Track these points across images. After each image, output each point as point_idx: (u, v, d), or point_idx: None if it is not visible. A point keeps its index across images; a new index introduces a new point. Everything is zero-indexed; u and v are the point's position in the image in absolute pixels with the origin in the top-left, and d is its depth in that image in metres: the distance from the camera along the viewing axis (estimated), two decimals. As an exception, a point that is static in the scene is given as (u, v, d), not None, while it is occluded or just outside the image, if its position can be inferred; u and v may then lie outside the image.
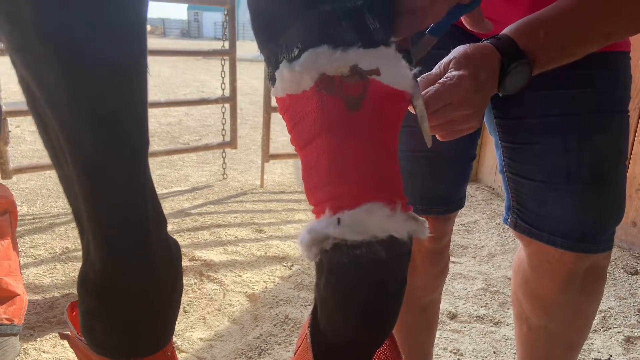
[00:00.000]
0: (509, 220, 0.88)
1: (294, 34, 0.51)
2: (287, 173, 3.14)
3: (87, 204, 0.56)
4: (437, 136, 0.66)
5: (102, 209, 0.57)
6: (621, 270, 1.92)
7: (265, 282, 1.70)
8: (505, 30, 0.65)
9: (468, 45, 0.64)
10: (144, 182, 0.59)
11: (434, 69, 0.65)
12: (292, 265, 1.83)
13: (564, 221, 0.78)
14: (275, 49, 0.53)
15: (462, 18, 0.63)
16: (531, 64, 0.63)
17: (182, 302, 1.53)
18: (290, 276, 1.74)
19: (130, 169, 0.57)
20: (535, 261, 0.85)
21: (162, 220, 0.65)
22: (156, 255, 0.62)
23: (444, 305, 1.58)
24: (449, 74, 0.62)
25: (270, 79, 0.55)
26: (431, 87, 0.61)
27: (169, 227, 2.11)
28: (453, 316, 1.55)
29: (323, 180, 0.50)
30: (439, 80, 0.62)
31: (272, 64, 0.54)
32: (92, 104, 0.52)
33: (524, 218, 0.84)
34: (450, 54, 0.65)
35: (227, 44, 2.64)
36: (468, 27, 0.64)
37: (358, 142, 0.49)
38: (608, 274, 1.88)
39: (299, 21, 0.50)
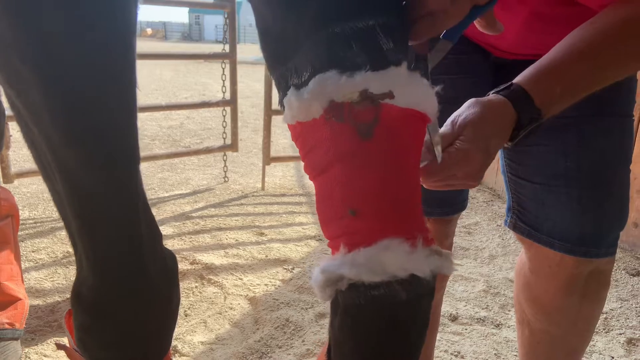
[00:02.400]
0: (508, 221, 0.88)
1: (304, 57, 0.48)
2: (288, 176, 3.14)
3: (78, 220, 0.55)
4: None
5: (93, 225, 0.56)
6: (623, 272, 1.92)
7: (266, 285, 1.70)
8: (522, 82, 0.62)
9: (486, 102, 0.61)
10: (136, 197, 0.58)
11: (447, 124, 0.62)
12: (293, 268, 1.83)
13: (562, 224, 0.78)
14: (286, 73, 0.51)
15: (475, 21, 0.61)
16: (543, 117, 0.62)
17: (182, 306, 1.53)
18: (291, 279, 1.75)
19: (121, 186, 0.56)
20: (536, 265, 0.85)
21: (156, 235, 0.64)
22: (151, 270, 0.61)
23: (445, 308, 1.58)
24: (460, 146, 0.59)
25: (281, 104, 0.53)
26: (438, 156, 0.59)
27: (170, 231, 2.11)
28: (454, 318, 1.55)
29: (337, 213, 0.47)
30: (448, 149, 0.59)
31: (283, 89, 0.52)
32: (78, 123, 0.51)
33: (523, 219, 0.84)
34: (466, 111, 0.61)
35: (227, 47, 2.65)
36: (480, 29, 0.62)
37: (372, 172, 0.46)
38: (609, 276, 1.88)
39: (309, 43, 0.48)
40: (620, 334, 1.49)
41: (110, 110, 0.53)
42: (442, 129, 0.62)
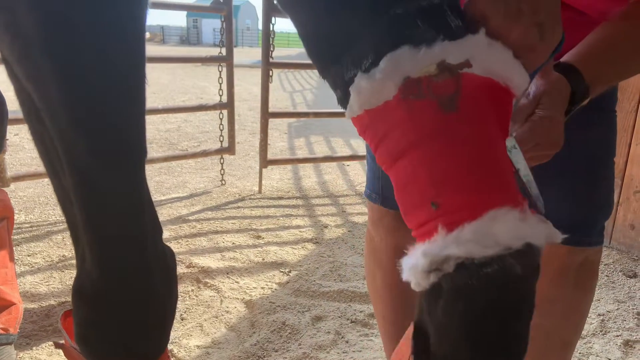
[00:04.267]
0: None
1: (363, 46, 0.46)
2: (285, 179, 3.14)
3: (84, 213, 0.56)
4: None
5: (98, 218, 0.57)
6: (620, 274, 1.92)
7: (262, 288, 1.69)
8: (570, 60, 0.65)
9: (546, 75, 0.63)
10: (141, 191, 0.60)
11: (522, 98, 0.63)
12: (289, 272, 1.82)
13: (555, 213, 0.79)
14: (340, 69, 0.48)
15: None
16: (589, 95, 0.66)
17: (179, 310, 1.52)
18: (288, 282, 1.74)
19: (128, 179, 0.57)
20: None
21: (158, 230, 0.66)
22: (152, 264, 0.63)
23: (442, 310, 1.58)
24: (543, 114, 0.60)
25: (340, 102, 0.50)
26: (525, 125, 0.60)
27: (166, 234, 2.11)
28: (451, 321, 1.54)
29: (425, 196, 0.43)
30: (532, 117, 0.60)
31: (340, 86, 0.49)
32: (93, 114, 0.52)
33: None
34: (533, 84, 0.62)
35: (224, 51, 2.65)
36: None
37: (463, 144, 0.43)
38: (607, 277, 1.88)
39: (368, 31, 0.45)
40: (617, 335, 1.49)
41: (124, 105, 0.55)
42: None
